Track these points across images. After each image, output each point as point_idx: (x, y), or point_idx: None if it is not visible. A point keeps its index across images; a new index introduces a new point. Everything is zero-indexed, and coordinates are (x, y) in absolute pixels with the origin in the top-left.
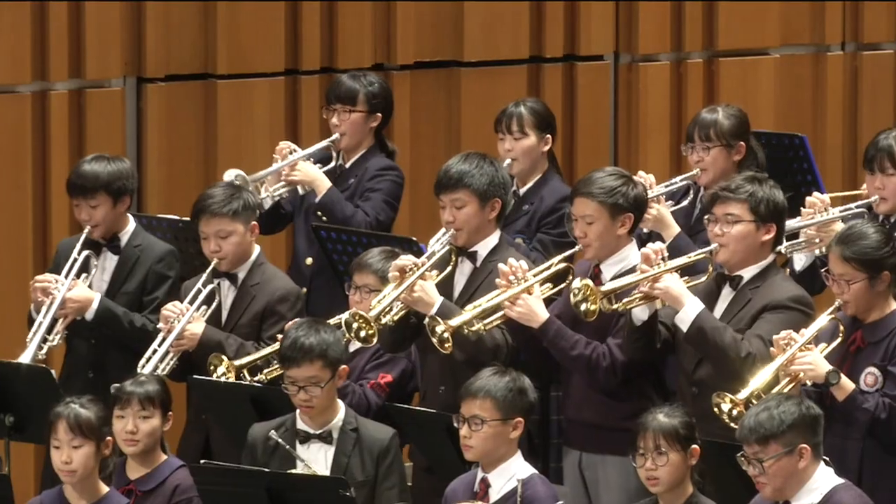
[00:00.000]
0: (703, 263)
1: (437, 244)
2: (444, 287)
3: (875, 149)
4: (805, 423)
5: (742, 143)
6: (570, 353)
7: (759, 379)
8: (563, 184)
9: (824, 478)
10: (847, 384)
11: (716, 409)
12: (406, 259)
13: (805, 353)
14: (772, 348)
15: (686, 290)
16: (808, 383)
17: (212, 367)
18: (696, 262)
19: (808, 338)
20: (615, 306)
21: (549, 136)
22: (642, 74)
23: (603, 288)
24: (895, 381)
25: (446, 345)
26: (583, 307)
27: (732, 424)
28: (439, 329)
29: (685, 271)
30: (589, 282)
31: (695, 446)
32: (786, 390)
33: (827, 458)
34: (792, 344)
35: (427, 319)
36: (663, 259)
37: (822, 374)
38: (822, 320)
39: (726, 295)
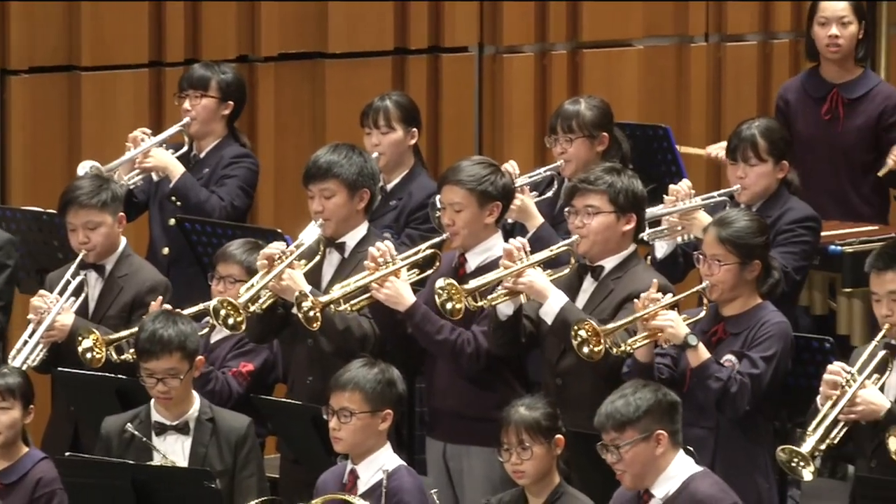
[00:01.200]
0: (565, 255)
1: (307, 235)
2: (313, 277)
3: (738, 139)
4: (661, 410)
5: (605, 133)
6: (435, 338)
7: (624, 321)
8: (430, 179)
9: (682, 466)
10: (703, 351)
11: (574, 342)
12: (275, 247)
13: (668, 311)
14: (636, 301)
15: (549, 284)
16: (664, 344)
17: (80, 339)
18: (558, 255)
19: (671, 301)
20: (480, 303)
21: (414, 129)
22: (506, 66)
23: (467, 287)
24: (751, 362)
25: (314, 323)
26: (448, 306)
27: (584, 350)
28: (306, 305)
29: (548, 264)
30: (452, 281)
31: (559, 436)
32: (639, 344)
33: (691, 448)
34: (656, 303)
35: (296, 295)
36: (526, 254)
37: (681, 334)
38: (687, 293)
39: (588, 286)
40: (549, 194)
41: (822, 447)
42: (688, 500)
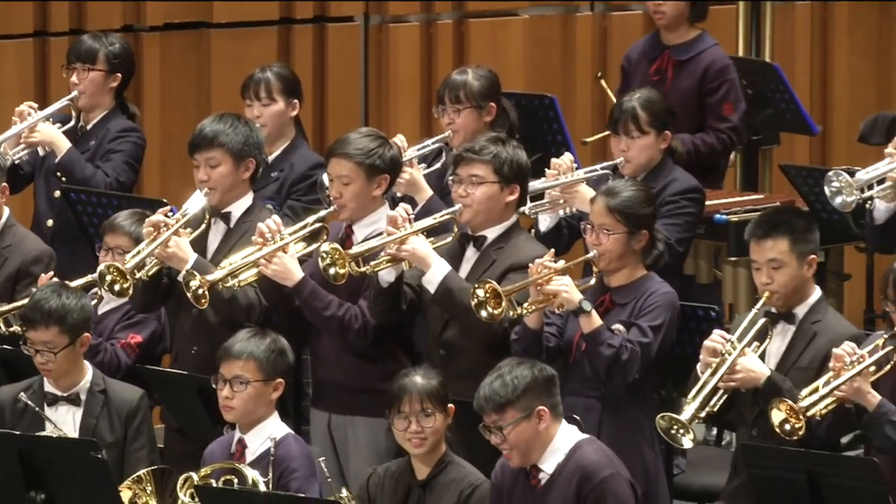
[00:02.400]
0: (449, 224)
1: (193, 204)
2: (198, 246)
3: (619, 111)
4: (539, 385)
5: (493, 104)
6: (323, 314)
7: (517, 284)
8: (311, 151)
9: (566, 436)
10: (596, 318)
11: (476, 308)
12: (160, 215)
13: (562, 276)
14: (531, 265)
15: (432, 252)
16: (558, 309)
17: None
18: (441, 223)
19: (563, 266)
20: (363, 269)
21: (296, 101)
22: (392, 36)
23: (350, 251)
24: (640, 330)
25: (202, 301)
26: (331, 271)
27: (483, 313)
28: (194, 284)
29: (431, 232)
30: (337, 245)
31: (451, 405)
32: (533, 308)
33: (577, 418)
34: (550, 269)
35: (183, 274)
36: (409, 221)
37: (575, 300)
38: (576, 261)
39: (471, 255)
40: (438, 166)
41: (702, 414)
42: (574, 468)
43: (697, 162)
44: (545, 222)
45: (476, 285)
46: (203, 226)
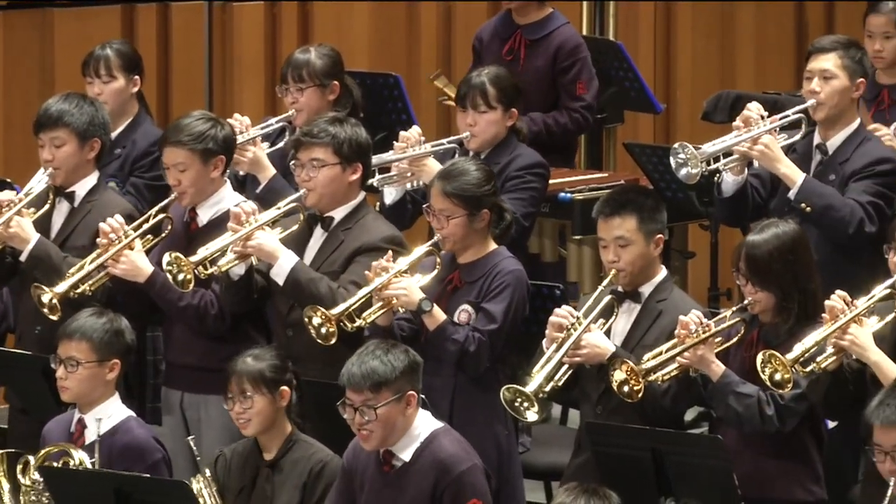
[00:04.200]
0: (295, 209)
1: (37, 183)
2: (42, 226)
3: (467, 86)
4: (412, 370)
5: (336, 82)
6: (179, 304)
7: (354, 298)
8: (154, 126)
9: (424, 423)
10: (439, 314)
11: (306, 321)
12: (3, 196)
13: (400, 279)
14: (367, 272)
15: (279, 244)
16: (401, 310)
17: None
18: (287, 211)
19: (404, 266)
20: (210, 271)
21: (137, 77)
22: (236, 15)
23: (193, 259)
24: (487, 316)
25: (55, 311)
26: (179, 278)
27: (320, 341)
28: (46, 298)
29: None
30: (178, 254)
31: (284, 388)
32: (374, 317)
33: (423, 398)
34: (388, 271)
35: (31, 289)
36: (254, 215)
37: (415, 301)
38: (420, 251)
39: (318, 237)
40: (281, 145)
41: (547, 388)
42: (430, 459)
43: (550, 141)
44: (390, 195)
45: (309, 311)
46: (47, 205)
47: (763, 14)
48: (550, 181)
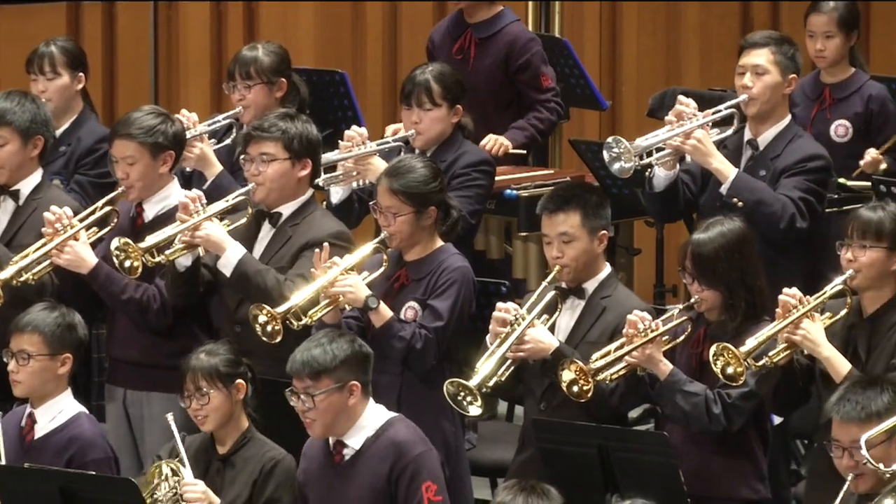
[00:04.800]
0: (242, 203)
1: None
2: None
3: (411, 84)
4: (357, 360)
5: (283, 79)
6: (121, 298)
7: (300, 296)
8: (99, 124)
9: (375, 414)
10: (385, 311)
11: (252, 320)
12: None
13: (347, 276)
14: (313, 269)
15: (227, 236)
16: (348, 307)
17: None
18: (234, 204)
19: (351, 263)
20: (157, 259)
21: (81, 74)
22: (182, 13)
23: (143, 245)
24: (433, 313)
25: None
26: (126, 265)
27: (265, 339)
28: None
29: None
30: (128, 240)
31: (239, 381)
32: (320, 315)
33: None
34: (335, 268)
35: None
36: (202, 206)
37: (361, 298)
38: (367, 249)
39: (266, 232)
40: (228, 141)
41: (490, 383)
42: (386, 444)
43: (543, 141)
44: (337, 194)
45: (254, 310)
46: None
47: (708, 12)
48: (496, 178)
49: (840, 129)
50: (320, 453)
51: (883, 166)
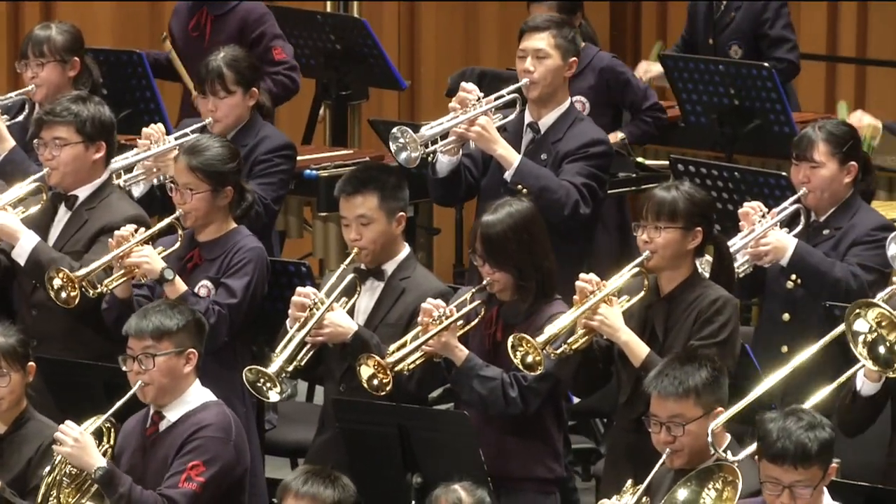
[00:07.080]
0: (38, 188)
1: None
2: None
3: (206, 71)
4: (197, 329)
5: (76, 58)
6: None
7: (97, 264)
8: None
9: (199, 393)
10: (180, 284)
11: (47, 282)
12: None
13: (142, 248)
14: (110, 240)
15: (20, 225)
16: (142, 279)
17: None
18: (30, 192)
19: (145, 236)
20: None
21: None
22: None
23: None
24: (227, 291)
25: None
26: None
27: (60, 304)
28: None
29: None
30: None
31: (31, 363)
32: (115, 284)
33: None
34: (130, 240)
35: None
36: None
37: (157, 269)
38: (162, 224)
39: (63, 215)
40: (20, 119)
41: (290, 368)
42: (194, 422)
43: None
44: (138, 188)
45: (50, 272)
46: None
47: None
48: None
49: (577, 104)
50: (139, 424)
51: (620, 136)
